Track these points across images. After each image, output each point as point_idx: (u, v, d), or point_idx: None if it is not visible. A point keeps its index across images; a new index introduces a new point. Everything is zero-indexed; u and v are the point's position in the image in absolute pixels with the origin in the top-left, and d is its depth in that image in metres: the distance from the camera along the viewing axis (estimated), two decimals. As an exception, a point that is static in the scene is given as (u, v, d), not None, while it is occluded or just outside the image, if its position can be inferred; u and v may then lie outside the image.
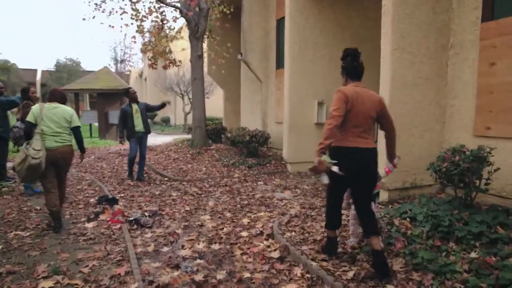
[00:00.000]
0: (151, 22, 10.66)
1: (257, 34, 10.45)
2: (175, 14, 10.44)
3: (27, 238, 3.99)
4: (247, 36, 10.46)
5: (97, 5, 10.29)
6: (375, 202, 3.47)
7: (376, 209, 3.42)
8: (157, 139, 14.41)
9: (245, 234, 4.00)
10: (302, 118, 7.84)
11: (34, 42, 72.74)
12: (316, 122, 7.85)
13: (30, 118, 4.30)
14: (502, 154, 4.32)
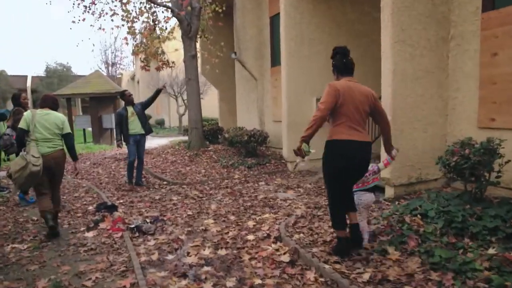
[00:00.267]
0: (142, 23, 10.47)
1: (250, 32, 10.31)
2: (167, 14, 10.20)
3: (25, 251, 3.84)
4: (241, 34, 10.32)
5: (86, 7, 10.09)
6: (374, 193, 3.56)
7: (376, 198, 3.62)
8: (152, 142, 14.23)
9: (251, 238, 3.88)
10: (301, 115, 7.72)
11: (23, 48, 71.84)
12: (315, 119, 7.73)
13: (22, 124, 4.28)
14: (509, 145, 4.24)
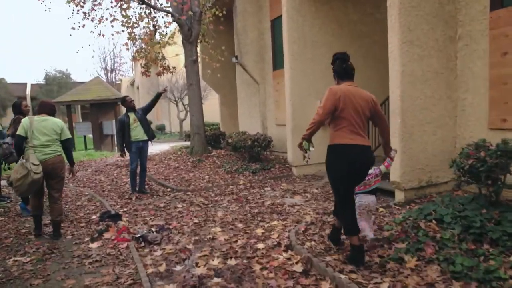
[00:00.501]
0: (143, 28, 10.39)
1: (251, 36, 10.24)
2: (167, 19, 10.12)
3: (28, 264, 3.72)
4: (242, 38, 10.24)
5: (85, 13, 10.00)
6: (376, 195, 3.64)
7: (374, 200, 3.62)
8: (154, 148, 14.07)
9: (261, 246, 3.77)
10: (305, 119, 7.60)
11: (22, 56, 71.92)
12: (319, 123, 7.63)
13: (20, 131, 4.34)
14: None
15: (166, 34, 10.76)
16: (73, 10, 9.76)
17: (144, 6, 9.77)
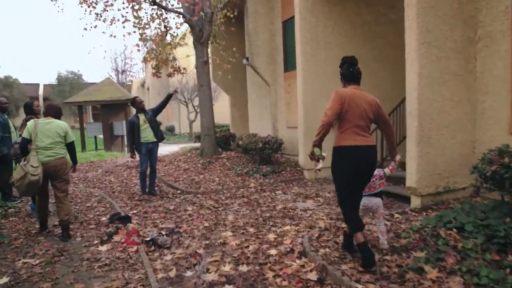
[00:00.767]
0: (154, 29, 10.39)
1: (263, 37, 10.15)
2: (178, 20, 10.09)
3: (37, 266, 3.66)
4: (253, 39, 10.16)
5: (97, 14, 10.02)
6: (382, 198, 3.60)
7: (382, 207, 3.58)
8: (164, 149, 14.08)
9: (274, 252, 3.66)
10: (317, 121, 7.34)
11: (35, 57, 72.98)
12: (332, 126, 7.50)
13: (25, 134, 4.46)
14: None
15: (177, 35, 10.74)
16: (85, 11, 9.79)
17: (155, 7, 9.75)
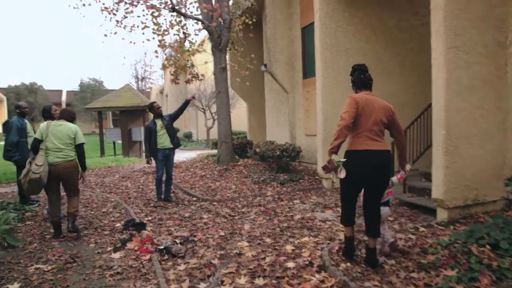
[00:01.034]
0: (173, 35, 10.43)
1: (281, 43, 10.05)
2: (197, 26, 10.08)
3: (49, 273, 3.59)
4: (271, 46, 10.07)
5: (118, 21, 10.14)
6: (389, 206, 3.67)
7: (388, 212, 3.63)
8: (181, 155, 14.12)
9: (291, 265, 3.48)
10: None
11: (58, 64, 75.16)
12: (351, 133, 7.29)
13: (37, 135, 4.65)
14: None
15: (196, 41, 10.75)
16: (105, 18, 9.92)
17: (175, 13, 9.79)
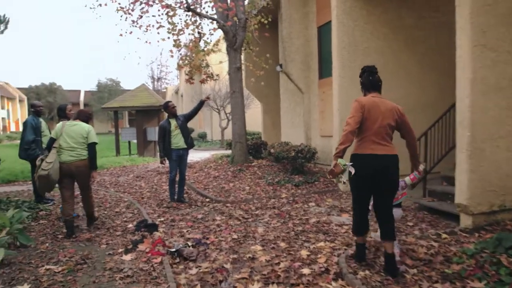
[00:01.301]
0: (188, 35, 10.40)
1: (297, 43, 9.90)
2: (212, 26, 10.00)
3: (59, 274, 3.53)
4: (287, 45, 9.92)
5: (133, 21, 10.15)
6: (401, 208, 3.69)
7: (401, 213, 3.65)
8: (195, 155, 14.09)
9: (307, 272, 3.33)
10: (353, 130, 7.09)
11: (77, 65, 76.63)
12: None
13: (53, 134, 4.84)
14: None
15: (211, 41, 10.68)
16: (120, 17, 9.95)
17: (190, 13, 9.75)
